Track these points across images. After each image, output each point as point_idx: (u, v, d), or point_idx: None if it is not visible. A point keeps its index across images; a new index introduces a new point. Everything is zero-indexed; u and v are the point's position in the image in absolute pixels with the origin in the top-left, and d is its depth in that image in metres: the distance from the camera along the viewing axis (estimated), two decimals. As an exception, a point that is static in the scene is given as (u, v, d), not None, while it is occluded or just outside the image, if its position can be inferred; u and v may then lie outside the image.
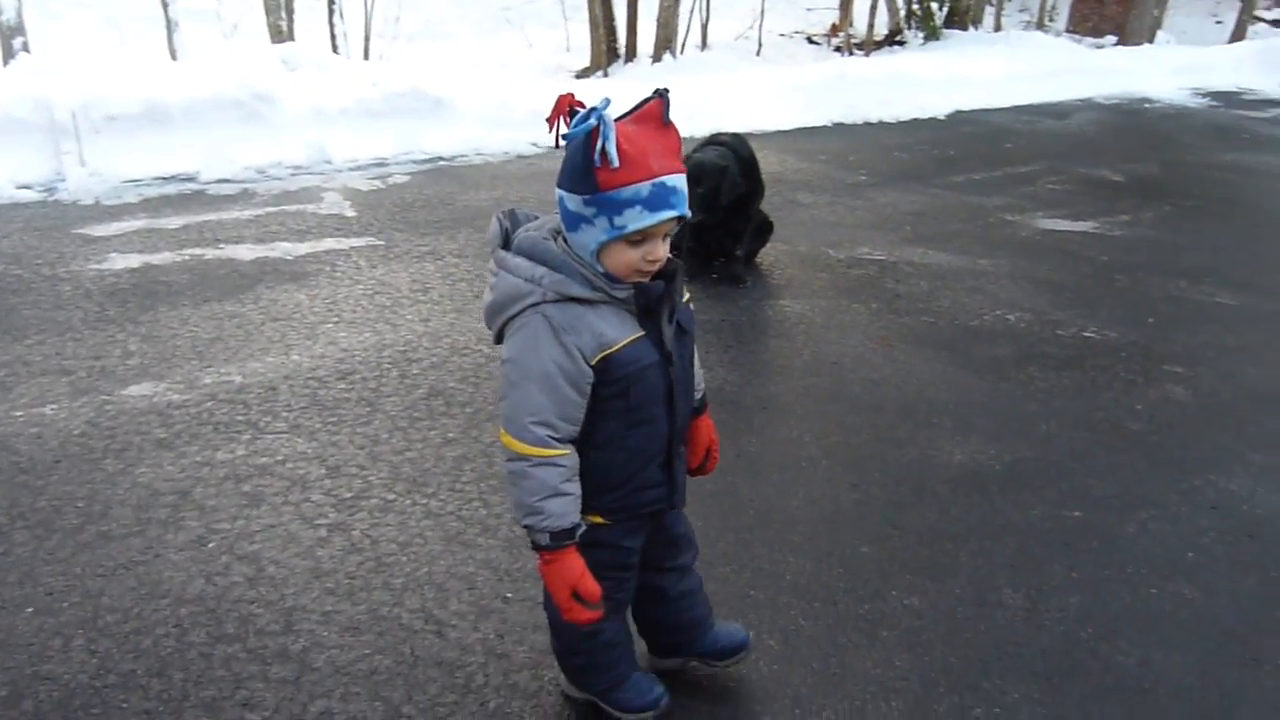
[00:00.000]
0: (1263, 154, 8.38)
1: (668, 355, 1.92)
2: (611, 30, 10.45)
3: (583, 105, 1.73)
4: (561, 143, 1.74)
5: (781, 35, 12.26)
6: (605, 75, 10.18)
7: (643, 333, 1.88)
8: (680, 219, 1.79)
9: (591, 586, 1.90)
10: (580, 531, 1.90)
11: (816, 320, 4.57)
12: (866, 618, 2.67)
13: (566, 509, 1.87)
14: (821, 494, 3.22)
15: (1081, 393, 4.00)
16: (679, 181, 1.76)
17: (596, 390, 1.86)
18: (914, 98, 9.65)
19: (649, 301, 1.86)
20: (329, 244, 5.33)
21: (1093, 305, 4.91)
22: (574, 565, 1.89)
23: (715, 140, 4.82)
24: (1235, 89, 11.25)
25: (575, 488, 1.89)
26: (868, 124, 9.19)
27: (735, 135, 4.90)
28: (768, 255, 5.30)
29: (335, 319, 4.44)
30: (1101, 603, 2.77)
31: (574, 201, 1.76)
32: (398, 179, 6.68)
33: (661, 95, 1.75)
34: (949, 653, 2.54)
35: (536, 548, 1.89)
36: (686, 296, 2.02)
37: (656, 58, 10.64)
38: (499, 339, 1.90)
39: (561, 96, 1.73)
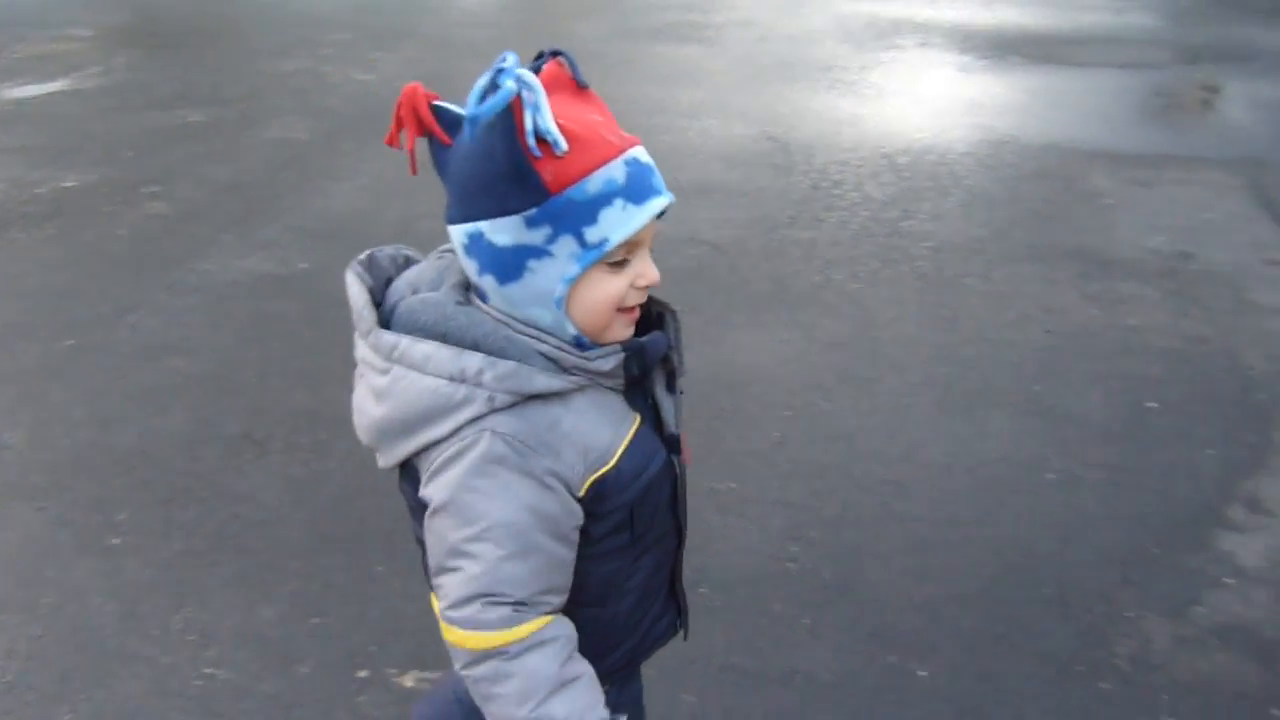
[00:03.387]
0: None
1: (673, 440, 1.25)
2: None
3: (440, 99, 1.07)
4: (423, 157, 1.10)
5: None
6: None
7: (637, 418, 1.19)
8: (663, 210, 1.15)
9: None
10: None
11: None
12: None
13: (584, 699, 1.15)
14: None
15: (64, 240, 4.15)
16: (647, 155, 1.12)
17: (586, 530, 1.17)
18: None
19: (646, 367, 1.18)
20: None
21: (71, 157, 4.99)
22: None
23: None
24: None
25: (584, 666, 1.18)
26: None
27: None
28: None
29: None
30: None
31: (510, 230, 1.07)
32: None
33: (558, 54, 1.11)
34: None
35: None
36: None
37: None
38: (406, 470, 1.16)
39: (409, 88, 1.06)
